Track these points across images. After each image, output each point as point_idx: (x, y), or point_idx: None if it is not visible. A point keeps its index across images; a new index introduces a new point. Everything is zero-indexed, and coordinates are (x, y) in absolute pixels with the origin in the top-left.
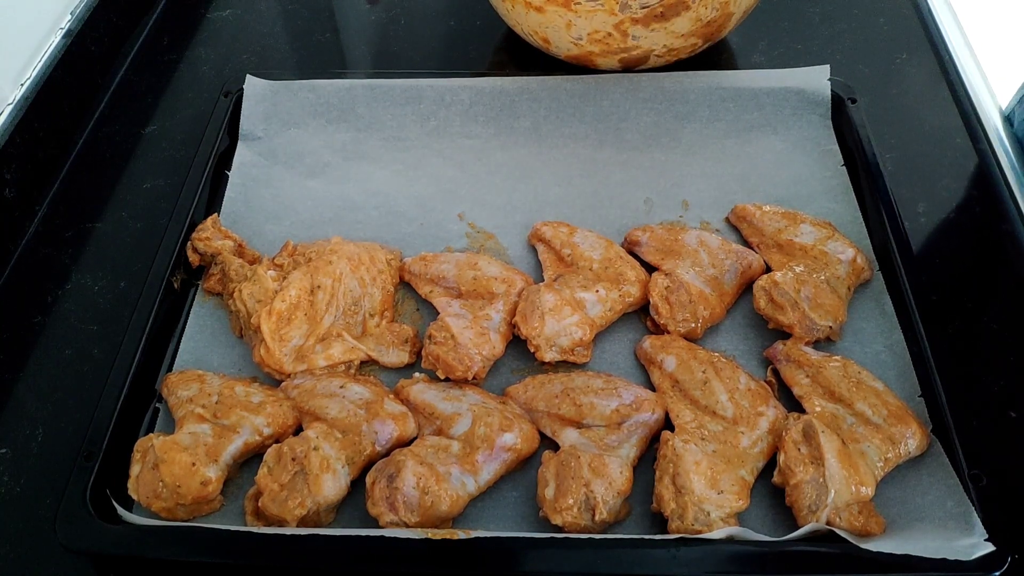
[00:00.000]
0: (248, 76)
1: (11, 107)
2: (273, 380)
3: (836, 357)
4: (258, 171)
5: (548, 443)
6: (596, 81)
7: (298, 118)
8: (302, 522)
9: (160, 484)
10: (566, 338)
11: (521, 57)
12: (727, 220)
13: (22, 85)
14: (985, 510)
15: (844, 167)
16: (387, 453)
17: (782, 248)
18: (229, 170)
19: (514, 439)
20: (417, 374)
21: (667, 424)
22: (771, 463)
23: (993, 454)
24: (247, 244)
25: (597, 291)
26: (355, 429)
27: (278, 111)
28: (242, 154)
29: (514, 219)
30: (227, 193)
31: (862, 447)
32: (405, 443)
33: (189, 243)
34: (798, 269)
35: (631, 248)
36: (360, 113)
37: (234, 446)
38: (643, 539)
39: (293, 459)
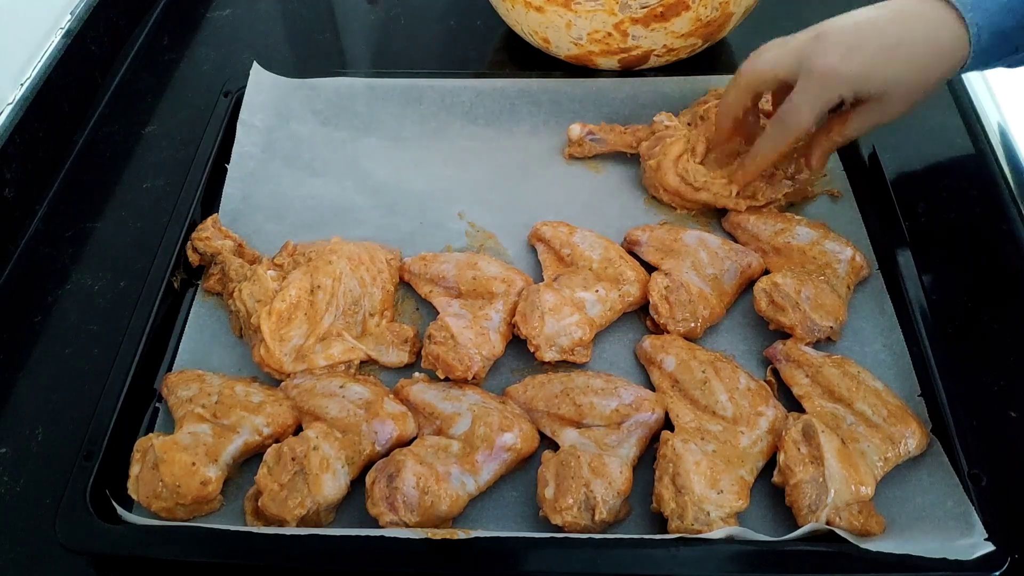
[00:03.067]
0: (255, 63)
1: (11, 107)
2: (273, 380)
3: (836, 357)
4: (255, 164)
5: (548, 443)
6: (597, 85)
7: (298, 114)
8: (302, 522)
9: (160, 484)
10: (566, 338)
11: (521, 57)
12: (723, 227)
13: (22, 85)
14: (985, 510)
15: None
16: (387, 453)
17: (780, 251)
18: (228, 164)
19: (514, 439)
20: (417, 374)
21: (667, 424)
22: (771, 463)
23: (993, 454)
24: (247, 244)
25: (597, 291)
26: (355, 429)
27: (279, 105)
28: (241, 143)
29: (514, 219)
30: (226, 188)
31: (862, 447)
32: (405, 443)
33: (189, 243)
34: (798, 270)
35: (631, 248)
36: (360, 112)
37: (234, 446)
38: (643, 539)
39: (293, 459)
